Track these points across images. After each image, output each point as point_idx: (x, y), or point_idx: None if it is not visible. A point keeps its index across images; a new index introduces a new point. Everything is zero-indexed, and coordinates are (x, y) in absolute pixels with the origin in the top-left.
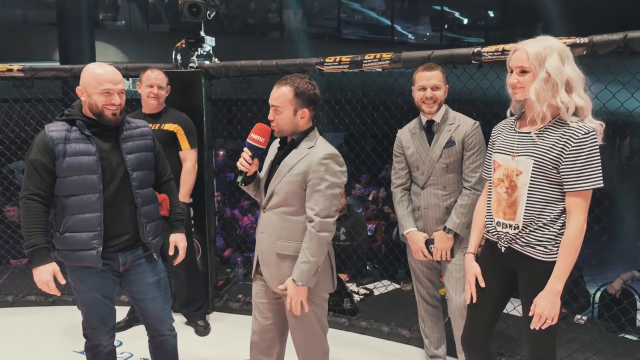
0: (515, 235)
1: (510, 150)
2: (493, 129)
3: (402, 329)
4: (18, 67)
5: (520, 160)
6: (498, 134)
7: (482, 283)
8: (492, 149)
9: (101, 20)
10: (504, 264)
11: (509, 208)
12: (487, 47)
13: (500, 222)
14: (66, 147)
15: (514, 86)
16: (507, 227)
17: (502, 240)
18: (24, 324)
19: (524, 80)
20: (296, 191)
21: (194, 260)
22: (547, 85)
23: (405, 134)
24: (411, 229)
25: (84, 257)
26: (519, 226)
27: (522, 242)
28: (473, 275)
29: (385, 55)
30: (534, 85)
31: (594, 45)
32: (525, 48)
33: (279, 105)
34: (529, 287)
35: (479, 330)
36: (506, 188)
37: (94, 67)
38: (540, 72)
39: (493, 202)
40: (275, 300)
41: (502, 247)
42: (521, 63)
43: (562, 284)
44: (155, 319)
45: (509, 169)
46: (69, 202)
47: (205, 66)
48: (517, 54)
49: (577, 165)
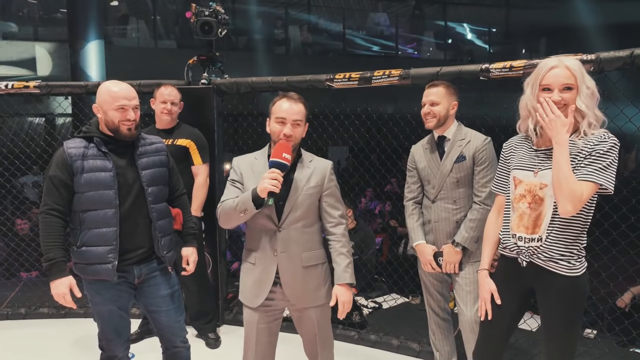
0: (538, 248)
1: (532, 167)
2: (504, 144)
3: (411, 342)
4: (34, 84)
5: (543, 174)
6: (514, 151)
7: (498, 300)
8: (507, 165)
9: (110, 37)
10: (521, 279)
11: (533, 222)
12: (495, 63)
13: (522, 237)
14: (84, 164)
15: (558, 103)
16: (529, 241)
17: (523, 255)
18: (36, 336)
19: (568, 98)
20: (314, 202)
21: (205, 273)
22: (592, 100)
23: (419, 149)
24: (420, 242)
25: (100, 270)
26: (542, 238)
27: (545, 257)
28: (488, 292)
29: (394, 72)
30: (582, 99)
31: (601, 61)
32: (566, 64)
33: (300, 119)
34: (550, 302)
35: (492, 348)
36: (529, 203)
37: (109, 84)
38: (583, 88)
39: (514, 217)
40: (278, 320)
41: (523, 262)
42: (566, 80)
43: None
44: (169, 330)
45: (531, 184)
46: (86, 217)
47: (216, 82)
48: (557, 71)
49: (591, 161)
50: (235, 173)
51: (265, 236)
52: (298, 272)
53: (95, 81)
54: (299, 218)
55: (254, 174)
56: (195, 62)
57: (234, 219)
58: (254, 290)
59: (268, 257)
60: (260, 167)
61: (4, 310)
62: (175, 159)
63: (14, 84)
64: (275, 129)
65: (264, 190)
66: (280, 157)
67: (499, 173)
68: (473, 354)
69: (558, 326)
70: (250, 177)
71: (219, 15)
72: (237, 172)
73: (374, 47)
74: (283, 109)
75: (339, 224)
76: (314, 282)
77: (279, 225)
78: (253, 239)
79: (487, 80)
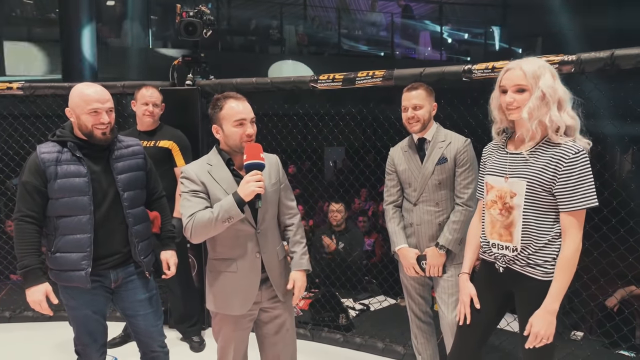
0: (514, 258)
1: (502, 172)
2: (483, 150)
3: (396, 345)
4: (17, 85)
5: (513, 182)
6: (489, 156)
7: (477, 304)
8: (483, 170)
9: (104, 38)
10: (500, 283)
11: (505, 230)
12: (477, 64)
13: (495, 243)
14: (57, 169)
15: (509, 105)
16: (504, 248)
17: (499, 261)
18: (21, 340)
19: (521, 99)
20: (277, 198)
21: (190, 276)
22: (541, 103)
23: (397, 151)
24: (402, 246)
25: (73, 277)
26: (517, 248)
27: (522, 263)
28: (468, 296)
29: (377, 73)
30: (529, 104)
31: (581, 62)
32: (520, 66)
33: (253, 116)
34: (528, 305)
35: (467, 352)
36: (499, 210)
37: (82, 87)
38: (535, 91)
39: (487, 223)
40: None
41: (500, 268)
42: (519, 81)
43: (558, 303)
44: (147, 335)
45: (502, 190)
46: (60, 222)
47: (201, 84)
48: (512, 72)
49: (570, 185)
50: (194, 183)
51: (244, 241)
52: (279, 267)
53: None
54: (271, 216)
55: (217, 182)
56: (180, 63)
57: (212, 231)
58: (240, 296)
59: (251, 261)
60: (223, 174)
61: None
62: (157, 161)
63: None
64: (236, 132)
65: (252, 194)
66: (258, 157)
67: (480, 178)
68: (448, 357)
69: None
70: (215, 186)
71: (204, 15)
72: (198, 182)
73: (370, 47)
74: (239, 110)
75: (295, 215)
76: (287, 273)
77: (257, 227)
78: (229, 246)
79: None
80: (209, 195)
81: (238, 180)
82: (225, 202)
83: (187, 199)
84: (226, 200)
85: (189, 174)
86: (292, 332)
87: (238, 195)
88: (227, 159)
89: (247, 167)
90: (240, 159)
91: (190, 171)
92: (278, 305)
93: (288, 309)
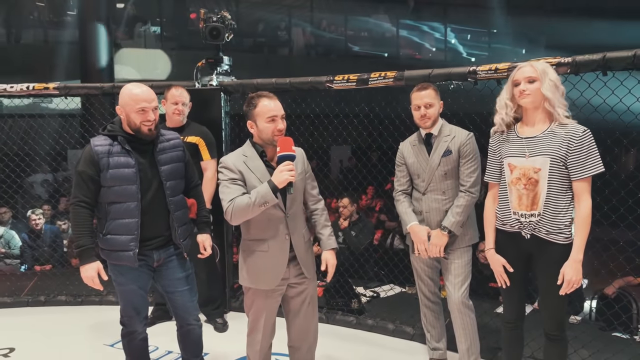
0: (538, 223)
1: (522, 152)
2: (491, 139)
3: (406, 327)
4: (54, 85)
5: (535, 159)
6: (500, 143)
7: (511, 269)
8: (497, 155)
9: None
10: (522, 249)
11: (531, 201)
12: (481, 66)
13: (524, 214)
14: (109, 161)
15: (522, 92)
16: (529, 217)
17: (526, 229)
18: (55, 320)
19: (532, 88)
20: (303, 186)
21: (214, 263)
22: (555, 89)
23: (407, 146)
24: (413, 223)
25: (122, 257)
26: (540, 213)
27: (546, 231)
28: (500, 265)
29: (389, 74)
30: (546, 86)
31: (576, 64)
32: (530, 64)
33: (284, 114)
34: (553, 265)
35: (515, 305)
36: (524, 184)
37: (131, 87)
38: (547, 81)
39: (514, 198)
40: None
41: (527, 235)
42: (529, 74)
43: (582, 253)
44: (184, 309)
45: (524, 168)
46: (111, 208)
47: (224, 84)
48: (524, 69)
49: (581, 158)
50: (232, 172)
51: (275, 223)
52: (305, 247)
53: (109, 83)
54: (298, 202)
55: (252, 171)
56: (204, 64)
57: (249, 214)
58: (270, 273)
59: (281, 241)
60: (257, 164)
61: (25, 298)
62: None
63: (34, 86)
64: (268, 127)
65: (285, 182)
66: (290, 150)
67: (490, 164)
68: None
69: (555, 283)
70: (250, 175)
71: (226, 20)
72: (235, 171)
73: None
74: (271, 107)
75: (319, 201)
76: (311, 252)
77: (286, 211)
78: (262, 229)
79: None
80: (246, 183)
81: (270, 170)
82: (261, 189)
83: (226, 186)
84: (262, 187)
85: (227, 164)
86: (315, 307)
87: (273, 182)
88: (261, 151)
89: (280, 158)
90: (272, 151)
91: (228, 161)
92: (304, 281)
93: (312, 285)
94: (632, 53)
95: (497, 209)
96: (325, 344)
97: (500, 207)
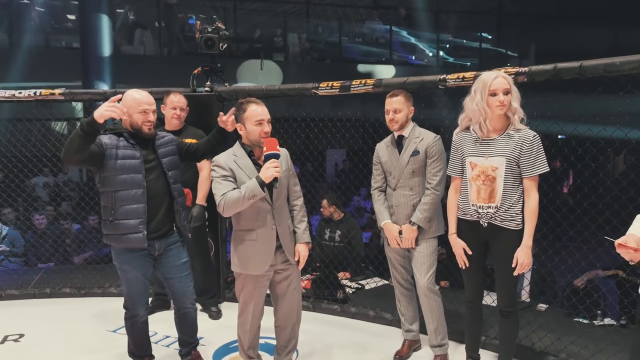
0: (495, 214)
1: (482, 153)
2: (455, 138)
3: (385, 313)
4: (59, 91)
5: (493, 159)
6: (462, 142)
7: (470, 251)
8: (460, 153)
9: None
10: (482, 235)
11: (488, 195)
12: (450, 74)
13: (481, 205)
14: (117, 152)
15: (501, 103)
16: (487, 208)
17: (483, 219)
18: (61, 310)
19: (508, 99)
20: (287, 183)
21: (209, 256)
22: (518, 100)
23: (382, 146)
24: (387, 221)
25: (132, 239)
26: (497, 206)
27: (501, 219)
28: (461, 248)
29: (369, 81)
30: (514, 97)
31: (532, 73)
32: (502, 75)
33: (270, 118)
34: (507, 247)
35: (475, 284)
36: (483, 181)
37: (133, 92)
38: (513, 92)
39: (473, 192)
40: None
41: (484, 223)
42: (505, 85)
43: (531, 240)
44: (182, 294)
45: (483, 166)
46: (118, 195)
47: (218, 90)
48: (499, 80)
49: (532, 159)
50: (224, 170)
51: (263, 215)
52: (290, 236)
53: (112, 89)
54: (283, 196)
55: (242, 169)
56: (200, 72)
57: (239, 206)
58: (259, 259)
59: (268, 231)
60: (246, 162)
61: (31, 290)
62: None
63: (41, 92)
64: (256, 130)
65: (271, 177)
66: (275, 149)
67: (453, 160)
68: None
69: (508, 264)
70: (240, 172)
71: (220, 31)
72: (227, 168)
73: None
74: (259, 112)
75: (299, 197)
76: (294, 242)
77: (272, 204)
78: (251, 219)
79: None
80: (236, 179)
81: (257, 167)
82: (250, 184)
83: (219, 182)
84: (251, 182)
85: (219, 163)
86: (299, 291)
87: (260, 178)
88: (249, 151)
89: (266, 156)
90: (259, 151)
91: (220, 160)
92: (289, 267)
93: (296, 271)
94: (578, 64)
95: (459, 201)
96: (311, 329)
97: (461, 199)
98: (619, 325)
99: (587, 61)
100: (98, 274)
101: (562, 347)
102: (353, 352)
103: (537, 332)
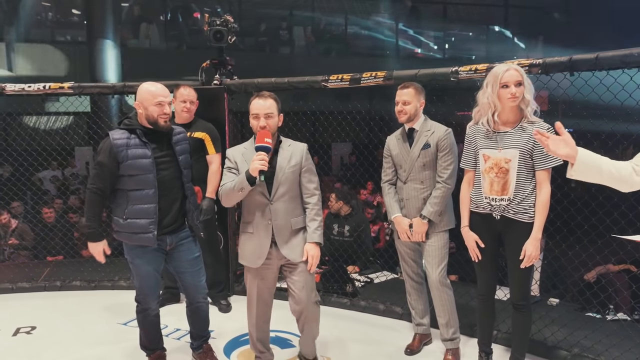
0: (507, 206)
1: (495, 146)
2: (468, 131)
3: (395, 307)
4: (69, 85)
5: (506, 152)
6: (475, 135)
7: (482, 244)
8: (473, 146)
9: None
10: (493, 228)
11: (501, 187)
12: (463, 67)
13: (494, 198)
14: (127, 153)
15: (513, 96)
16: (499, 201)
17: (496, 211)
18: (71, 303)
19: (520, 91)
20: (296, 179)
21: (218, 249)
22: (531, 93)
23: (392, 139)
24: (397, 214)
25: (143, 238)
26: (510, 198)
27: (513, 211)
28: (473, 241)
29: (379, 74)
30: (527, 89)
31: (546, 65)
32: (514, 67)
33: (271, 112)
34: (518, 239)
35: (489, 275)
36: (496, 173)
37: (147, 85)
38: (526, 84)
39: (486, 184)
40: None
41: (497, 216)
42: (518, 78)
43: (541, 232)
44: (193, 288)
45: (497, 159)
46: (131, 195)
47: (227, 83)
48: (511, 72)
49: (545, 152)
50: (230, 162)
51: (260, 209)
52: (289, 234)
53: (120, 83)
54: (285, 192)
55: (246, 161)
56: (209, 65)
57: (232, 198)
58: (254, 253)
59: (264, 226)
60: (251, 155)
61: (42, 283)
62: (193, 150)
63: (50, 85)
64: (253, 123)
65: (255, 170)
66: (263, 141)
67: (466, 153)
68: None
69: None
70: (243, 164)
71: (229, 24)
72: (232, 161)
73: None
74: (256, 106)
75: (313, 195)
76: (301, 241)
77: (270, 200)
78: (249, 213)
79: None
80: (239, 171)
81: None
82: (240, 176)
83: (224, 174)
84: (241, 175)
85: (228, 155)
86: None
87: (247, 171)
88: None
89: (255, 149)
90: None
91: (229, 152)
92: (297, 266)
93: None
94: (594, 56)
95: (472, 193)
96: (321, 322)
97: (474, 191)
98: (632, 320)
99: (603, 52)
100: (107, 267)
101: (575, 342)
102: (364, 344)
103: (550, 326)
